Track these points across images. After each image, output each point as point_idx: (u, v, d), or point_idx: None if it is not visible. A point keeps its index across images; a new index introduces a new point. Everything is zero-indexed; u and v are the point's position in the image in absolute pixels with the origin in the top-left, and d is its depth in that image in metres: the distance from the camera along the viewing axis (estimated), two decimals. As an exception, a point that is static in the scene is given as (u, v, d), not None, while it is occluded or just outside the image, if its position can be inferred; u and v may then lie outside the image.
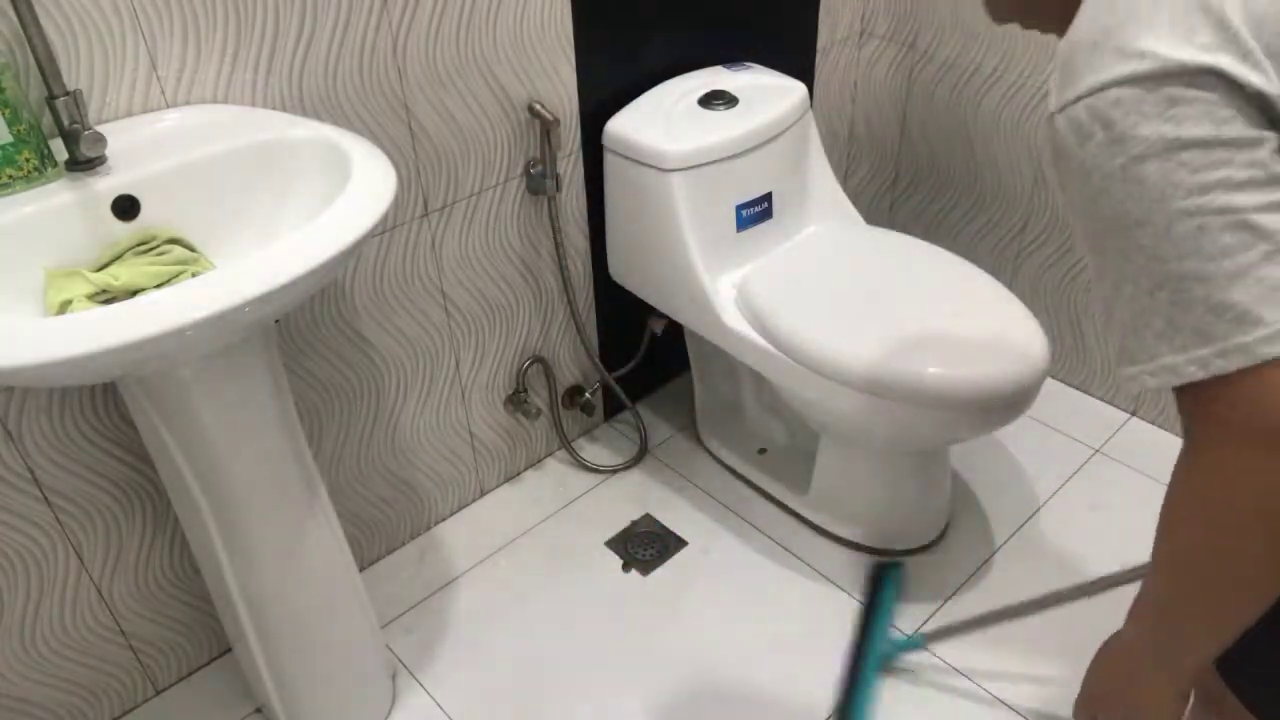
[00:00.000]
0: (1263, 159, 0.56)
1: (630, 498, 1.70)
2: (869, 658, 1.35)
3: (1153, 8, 0.56)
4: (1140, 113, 0.56)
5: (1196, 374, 0.56)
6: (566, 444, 1.77)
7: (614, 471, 1.76)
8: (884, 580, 1.46)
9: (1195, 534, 0.62)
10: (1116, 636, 0.76)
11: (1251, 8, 0.55)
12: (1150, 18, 0.56)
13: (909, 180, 2.05)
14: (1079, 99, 0.58)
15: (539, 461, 1.79)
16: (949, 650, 1.40)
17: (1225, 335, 0.55)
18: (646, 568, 1.57)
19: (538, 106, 1.39)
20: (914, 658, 1.40)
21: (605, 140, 1.48)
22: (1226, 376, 0.56)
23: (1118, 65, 0.57)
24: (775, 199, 1.54)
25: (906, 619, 1.46)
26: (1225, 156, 0.55)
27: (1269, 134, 0.55)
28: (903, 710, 1.34)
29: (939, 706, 1.34)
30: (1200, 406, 0.59)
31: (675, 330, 1.78)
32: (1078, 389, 1.91)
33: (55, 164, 0.94)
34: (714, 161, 1.43)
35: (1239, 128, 0.55)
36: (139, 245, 0.97)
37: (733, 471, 1.75)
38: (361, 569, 1.57)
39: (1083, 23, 0.60)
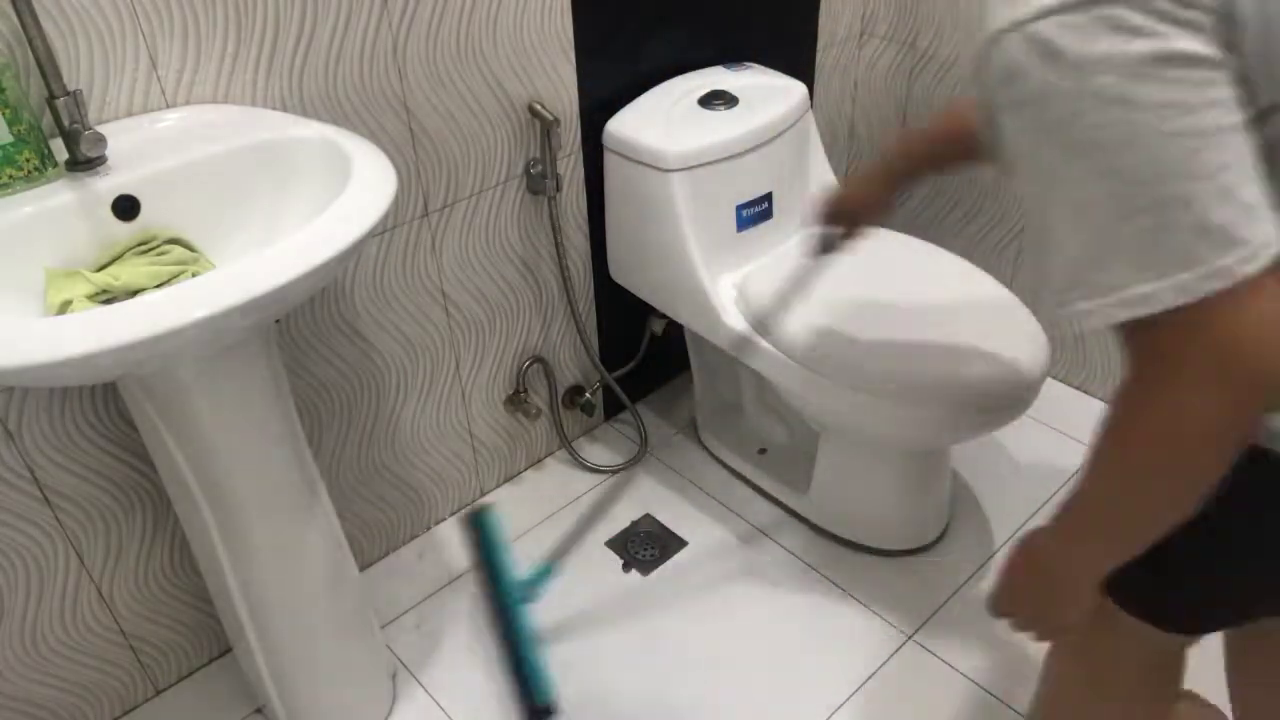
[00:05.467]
0: (1231, 78, 0.55)
1: (630, 498, 1.70)
2: (511, 610, 1.25)
3: None
4: (1129, 28, 0.53)
5: (1176, 300, 0.55)
6: (567, 444, 1.77)
7: (614, 471, 1.76)
8: (482, 529, 1.33)
9: (1152, 460, 0.62)
10: (1035, 538, 0.78)
11: None
12: None
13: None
14: (1045, 15, 0.55)
15: (539, 461, 1.79)
16: (939, 645, 1.40)
17: (1208, 259, 0.54)
18: (646, 568, 1.57)
19: (538, 106, 1.39)
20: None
21: (605, 140, 1.48)
22: (1191, 308, 0.55)
23: None
24: (775, 199, 1.54)
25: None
26: (1209, 75, 0.54)
27: (1226, 55, 0.55)
28: (902, 711, 1.34)
29: (939, 706, 1.34)
30: (1163, 337, 0.57)
31: (675, 330, 1.78)
32: (1078, 389, 1.91)
33: (55, 164, 0.94)
34: (714, 161, 1.43)
35: (1214, 46, 0.54)
36: (139, 245, 0.97)
37: (733, 471, 1.75)
38: (361, 569, 1.57)
39: None
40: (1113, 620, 0.86)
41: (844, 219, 1.19)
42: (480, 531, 1.33)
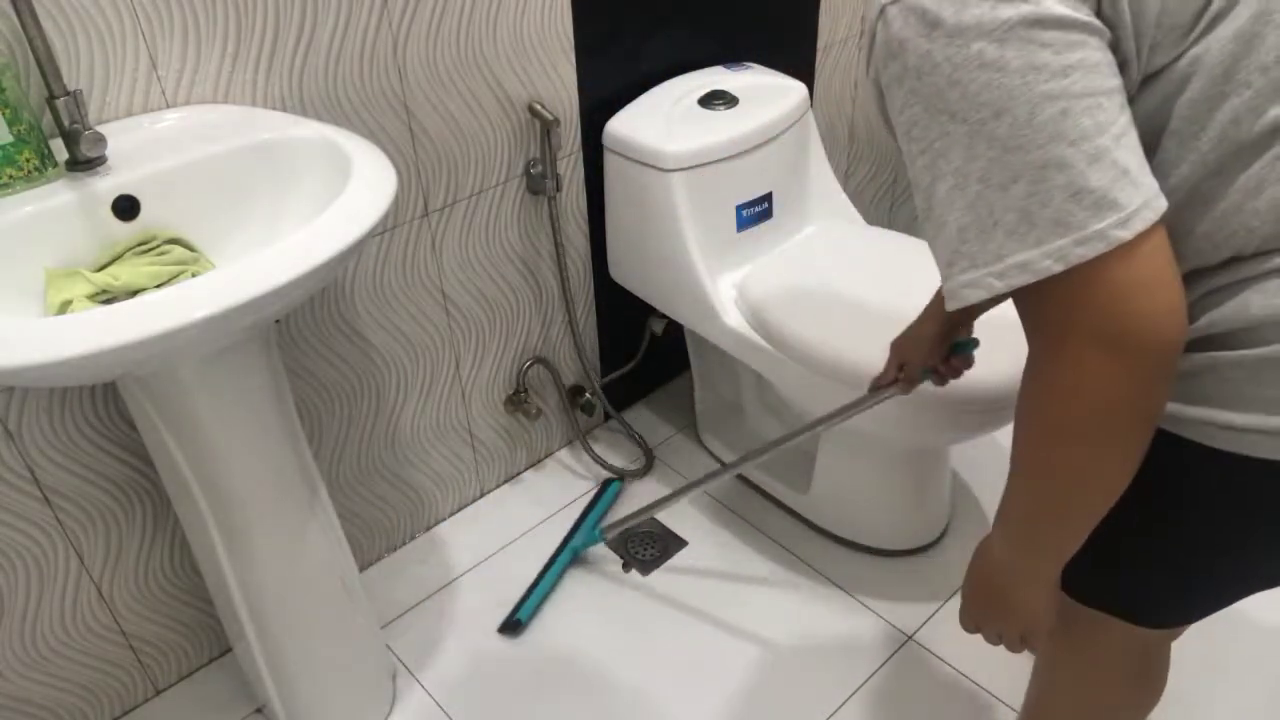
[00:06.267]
0: (1103, 43, 0.56)
1: (631, 498, 1.70)
2: (565, 548, 1.57)
3: None
4: None
5: (1053, 268, 0.55)
6: (581, 438, 1.76)
7: (623, 475, 1.76)
8: (603, 492, 1.68)
9: (1051, 437, 0.62)
10: (985, 546, 0.78)
11: None
12: None
13: (909, 180, 2.05)
14: None
15: (539, 461, 1.79)
16: (939, 645, 1.41)
17: (1083, 223, 0.54)
18: (646, 568, 1.57)
19: (538, 106, 1.39)
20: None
21: (605, 140, 1.48)
22: (1071, 275, 0.54)
23: None
24: (775, 199, 1.54)
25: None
26: (1081, 38, 0.54)
27: (1100, 21, 0.56)
28: (902, 711, 1.34)
29: (939, 706, 1.34)
30: (1048, 307, 0.57)
31: (675, 330, 1.78)
32: (1078, 389, 1.91)
33: (55, 164, 0.94)
34: (714, 161, 1.43)
35: (1086, 11, 0.55)
36: (139, 245, 0.97)
37: (733, 471, 1.75)
38: (361, 569, 1.57)
39: None
40: (1094, 622, 0.86)
41: (896, 359, 1.17)
42: (602, 493, 1.69)
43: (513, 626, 1.46)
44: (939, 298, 1.10)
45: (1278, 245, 0.59)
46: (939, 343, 1.11)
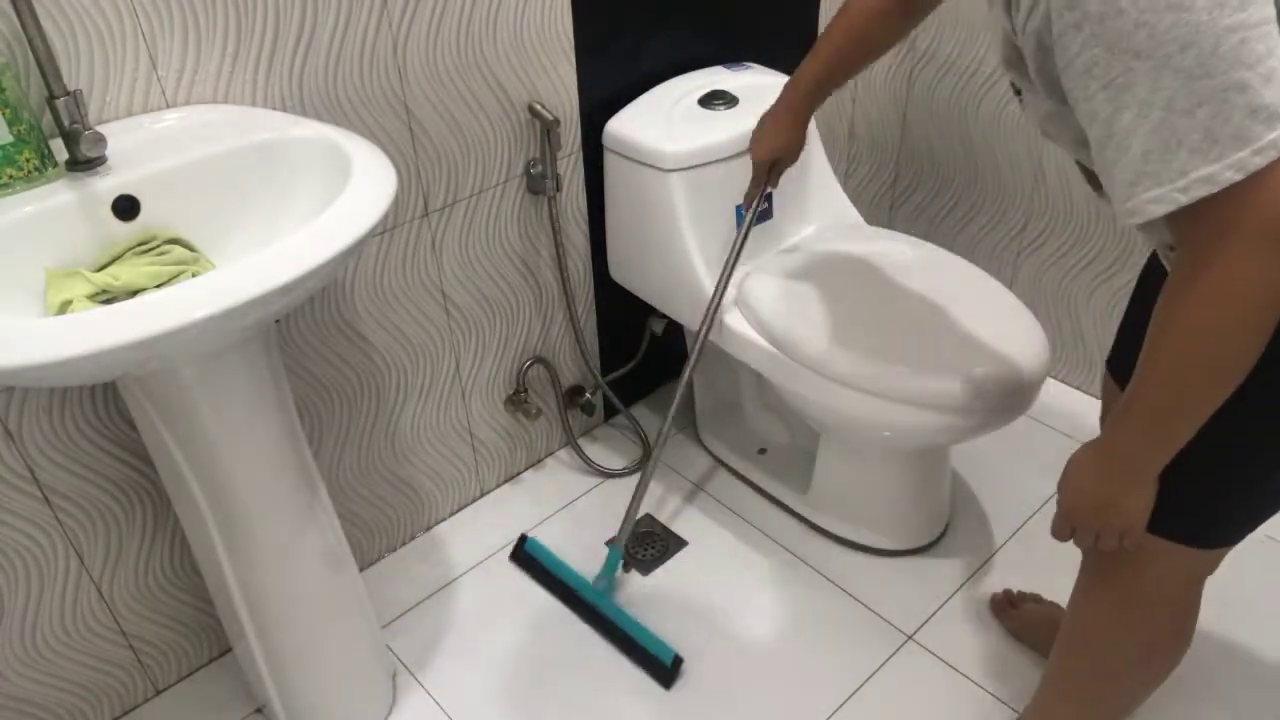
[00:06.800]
0: None
1: (624, 495, 1.70)
2: (601, 605, 1.46)
3: None
4: None
5: (1234, 178, 0.62)
6: (574, 443, 1.77)
7: (620, 474, 1.76)
8: (531, 554, 1.55)
9: (1206, 322, 0.69)
10: (1083, 455, 0.84)
11: None
12: None
13: (909, 180, 2.06)
14: None
15: (539, 461, 1.79)
16: (939, 645, 1.41)
17: (1259, 135, 0.61)
18: (646, 568, 1.57)
19: (538, 106, 1.39)
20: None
21: (605, 140, 1.48)
22: (1242, 183, 0.62)
23: None
24: (775, 199, 1.54)
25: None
26: None
27: None
28: (902, 711, 1.34)
29: (939, 706, 1.34)
30: (1217, 214, 0.64)
31: (675, 330, 1.78)
32: (1078, 389, 1.91)
33: (55, 164, 0.94)
34: (714, 161, 1.43)
35: None
36: (139, 245, 0.97)
37: (733, 471, 1.75)
38: (361, 569, 1.57)
39: None
40: (1137, 555, 0.89)
41: (769, 171, 1.32)
42: (535, 558, 1.55)
43: (676, 666, 1.37)
44: (794, 100, 1.25)
45: None
46: (803, 139, 1.31)
